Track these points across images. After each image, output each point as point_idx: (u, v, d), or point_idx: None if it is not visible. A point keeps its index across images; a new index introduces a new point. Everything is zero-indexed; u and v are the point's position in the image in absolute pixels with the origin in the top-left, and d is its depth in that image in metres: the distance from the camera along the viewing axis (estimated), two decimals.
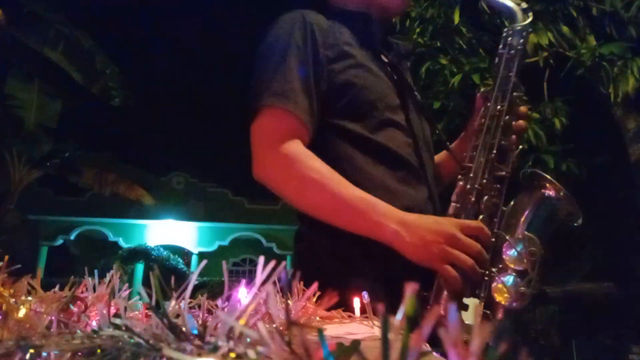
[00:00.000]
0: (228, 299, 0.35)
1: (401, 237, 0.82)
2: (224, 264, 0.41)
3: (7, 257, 0.47)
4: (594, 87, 3.70)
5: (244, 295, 0.31)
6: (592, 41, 3.52)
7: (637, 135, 3.96)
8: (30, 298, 0.44)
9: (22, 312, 0.41)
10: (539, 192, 0.90)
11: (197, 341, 0.26)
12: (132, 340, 0.28)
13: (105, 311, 0.32)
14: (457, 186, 0.94)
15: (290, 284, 0.54)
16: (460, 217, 0.89)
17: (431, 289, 0.84)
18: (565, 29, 3.50)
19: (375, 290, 0.82)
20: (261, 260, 0.31)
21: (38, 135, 9.96)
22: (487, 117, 0.99)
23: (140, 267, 12.61)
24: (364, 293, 0.52)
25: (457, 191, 0.93)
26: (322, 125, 0.97)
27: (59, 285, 0.49)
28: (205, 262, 0.57)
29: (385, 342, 0.18)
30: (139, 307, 0.43)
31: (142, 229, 13.99)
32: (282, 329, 0.25)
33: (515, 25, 1.07)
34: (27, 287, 0.45)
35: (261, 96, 0.93)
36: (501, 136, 0.96)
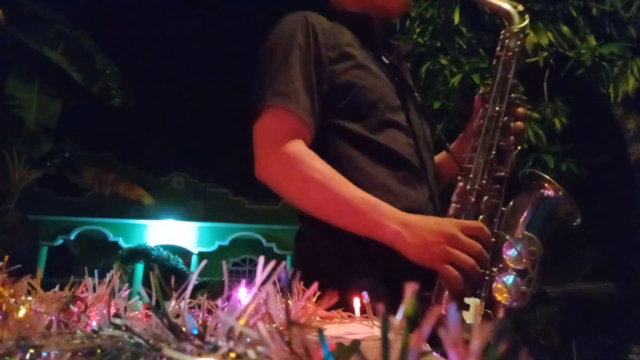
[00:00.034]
0: (228, 299, 0.35)
1: (402, 238, 0.82)
2: (224, 264, 0.41)
3: (7, 257, 0.47)
4: (594, 87, 3.70)
5: (244, 295, 0.31)
6: (592, 41, 3.52)
7: (637, 135, 3.96)
8: (30, 298, 0.44)
9: (22, 312, 0.41)
10: (538, 192, 0.91)
11: (197, 341, 0.26)
12: (132, 340, 0.28)
13: (105, 311, 0.32)
14: (457, 187, 0.94)
15: (290, 284, 0.54)
16: (460, 217, 0.90)
17: (432, 289, 0.85)
18: (565, 29, 3.50)
19: (375, 290, 0.82)
20: (261, 260, 0.31)
21: (38, 135, 9.97)
22: (485, 118, 0.99)
23: (140, 267, 12.60)
24: (364, 293, 0.52)
25: (457, 192, 0.93)
26: (323, 126, 0.97)
27: (59, 285, 0.49)
28: (205, 262, 0.57)
29: (385, 342, 0.18)
30: (139, 307, 0.43)
31: (142, 229, 13.99)
32: (282, 329, 0.25)
33: (512, 28, 1.08)
34: (27, 287, 0.45)
35: (264, 96, 0.93)
36: (500, 137, 0.96)
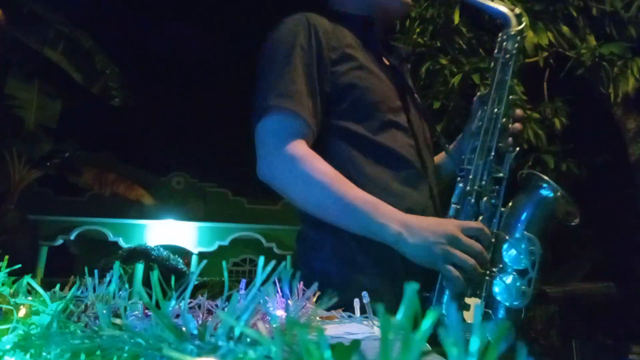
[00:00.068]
0: (228, 299, 0.35)
1: (403, 239, 0.83)
2: (224, 264, 0.41)
3: (7, 257, 0.47)
4: (594, 87, 3.70)
5: (244, 295, 0.31)
6: (592, 41, 3.51)
7: (637, 135, 3.96)
8: (30, 298, 0.44)
9: (22, 312, 0.41)
10: (537, 192, 0.91)
11: (197, 341, 0.26)
12: (132, 340, 0.28)
13: (105, 311, 0.32)
14: (456, 188, 0.95)
15: (290, 284, 0.54)
16: (460, 218, 0.91)
17: (433, 289, 0.85)
18: (565, 29, 3.50)
19: (376, 290, 0.82)
20: (261, 260, 0.31)
21: (38, 135, 9.97)
22: (484, 120, 1.00)
23: (140, 267, 12.58)
24: (364, 293, 0.52)
25: (457, 193, 0.94)
26: (324, 126, 0.98)
27: (59, 285, 0.49)
28: (205, 262, 0.57)
29: (385, 342, 0.18)
30: (139, 307, 0.43)
31: (142, 229, 13.98)
32: (282, 329, 0.25)
33: (510, 30, 1.08)
34: (27, 287, 0.45)
35: (267, 97, 0.94)
36: (498, 138, 0.97)
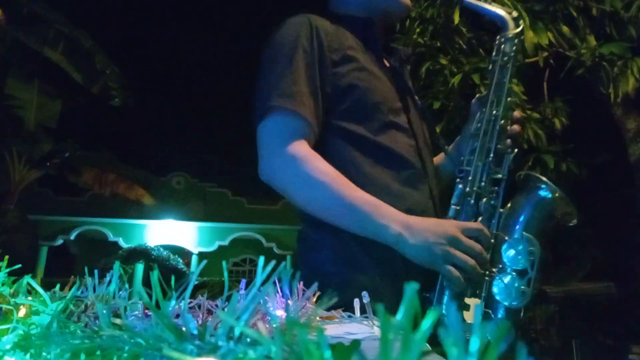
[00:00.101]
0: (228, 299, 0.35)
1: (404, 239, 0.83)
2: (224, 264, 0.41)
3: (7, 257, 0.47)
4: (594, 87, 3.70)
5: (244, 295, 0.31)
6: (592, 41, 3.51)
7: (637, 135, 3.96)
8: (30, 298, 0.44)
9: (22, 312, 0.41)
10: (535, 193, 0.92)
11: (197, 341, 0.26)
12: (132, 340, 0.28)
13: (105, 311, 0.32)
14: (456, 189, 0.96)
15: (290, 284, 0.54)
16: (460, 219, 0.91)
17: (433, 289, 0.85)
18: (565, 29, 3.50)
19: (376, 290, 0.82)
20: (261, 260, 0.31)
21: (38, 135, 9.98)
22: (483, 122, 1.01)
23: (140, 267, 12.58)
24: (364, 293, 0.52)
25: (457, 194, 0.95)
26: (326, 127, 0.98)
27: (59, 285, 0.49)
28: (205, 262, 0.57)
29: (385, 342, 0.18)
30: (139, 307, 0.43)
31: (142, 229, 13.98)
32: (282, 329, 0.25)
33: (507, 33, 1.09)
34: (27, 287, 0.45)
35: (269, 97, 0.94)
36: (497, 140, 0.98)
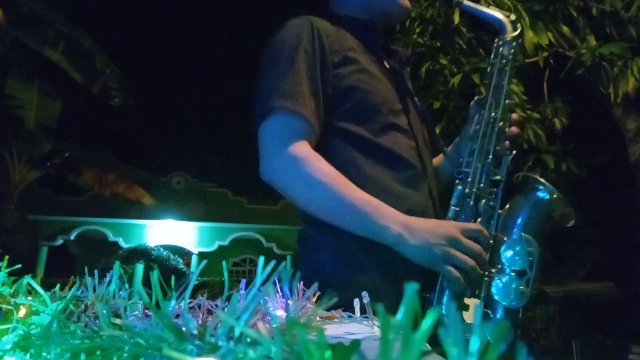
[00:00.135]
0: (228, 299, 0.35)
1: (405, 240, 0.83)
2: (224, 264, 0.41)
3: (7, 257, 0.47)
4: (594, 87, 3.70)
5: (244, 295, 0.31)
6: (592, 41, 3.51)
7: (637, 135, 3.96)
8: (30, 298, 0.44)
9: (22, 312, 0.41)
10: (533, 194, 0.92)
11: (197, 341, 0.26)
12: (132, 340, 0.28)
13: (105, 311, 0.32)
14: (455, 190, 0.97)
15: (290, 284, 0.54)
16: (459, 220, 0.92)
17: (433, 290, 0.86)
18: (565, 29, 3.50)
19: (376, 290, 0.82)
20: (261, 260, 0.31)
21: (38, 135, 9.98)
22: (482, 124, 1.02)
23: (140, 267, 12.57)
24: (364, 293, 0.52)
25: (456, 195, 0.96)
26: (327, 128, 0.99)
27: (59, 285, 0.49)
28: (205, 262, 0.57)
29: (385, 342, 0.18)
30: (139, 307, 0.43)
31: (142, 229, 13.98)
32: (282, 329, 0.25)
33: (505, 36, 1.09)
34: (27, 287, 0.45)
35: (270, 98, 0.94)
36: (496, 142, 0.99)
